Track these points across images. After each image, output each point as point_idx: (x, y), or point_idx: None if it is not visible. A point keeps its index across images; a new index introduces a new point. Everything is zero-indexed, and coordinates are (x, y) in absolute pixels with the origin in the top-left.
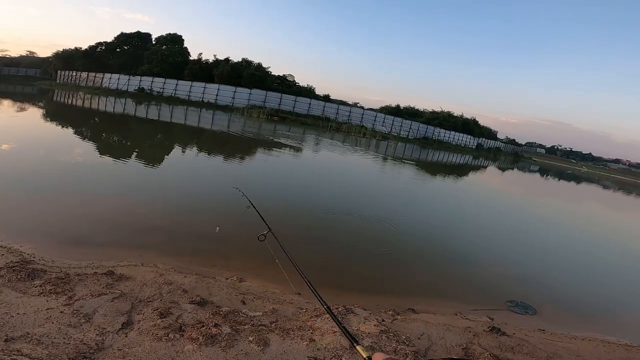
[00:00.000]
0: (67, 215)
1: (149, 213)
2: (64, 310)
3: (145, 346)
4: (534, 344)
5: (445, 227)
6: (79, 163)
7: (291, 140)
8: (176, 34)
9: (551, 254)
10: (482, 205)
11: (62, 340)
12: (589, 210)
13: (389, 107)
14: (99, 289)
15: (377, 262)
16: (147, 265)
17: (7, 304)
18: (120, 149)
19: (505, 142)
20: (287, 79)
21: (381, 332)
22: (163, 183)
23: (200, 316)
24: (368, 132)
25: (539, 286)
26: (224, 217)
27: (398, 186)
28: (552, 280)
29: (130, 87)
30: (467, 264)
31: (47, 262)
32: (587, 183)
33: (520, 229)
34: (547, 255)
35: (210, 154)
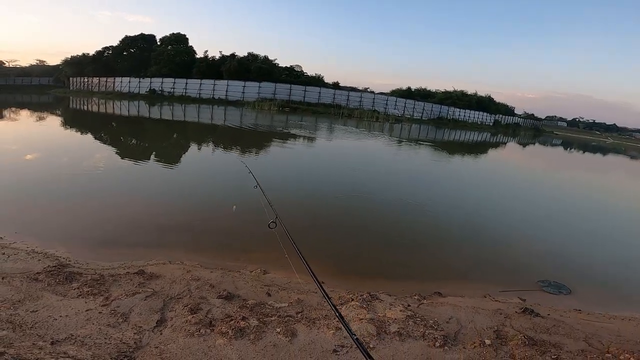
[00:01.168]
0: (95, 218)
1: (172, 211)
2: (102, 310)
3: (180, 343)
4: (570, 325)
5: (468, 207)
6: (102, 168)
7: (306, 131)
8: (180, 33)
9: (584, 230)
10: (506, 182)
11: (104, 341)
12: (619, 183)
13: (400, 90)
14: (133, 288)
15: (401, 246)
16: (174, 263)
17: (50, 307)
18: (139, 150)
19: (524, 118)
20: (295, 70)
21: (407, 317)
22: (182, 181)
23: (228, 310)
24: (381, 116)
25: (573, 264)
26: (244, 214)
27: (417, 168)
28: (586, 258)
29: (141, 89)
30: (495, 244)
31: (82, 265)
32: (613, 154)
33: (549, 205)
34: (579, 232)
35: (227, 149)
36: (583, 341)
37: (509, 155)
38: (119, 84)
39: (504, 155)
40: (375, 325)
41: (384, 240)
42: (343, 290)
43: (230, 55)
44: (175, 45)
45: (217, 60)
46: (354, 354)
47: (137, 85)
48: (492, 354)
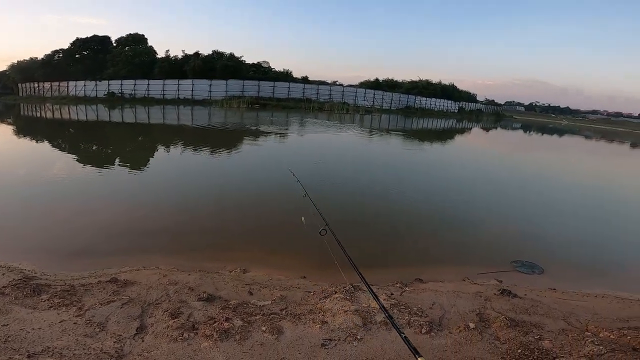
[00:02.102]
0: (60, 228)
1: (142, 217)
2: (77, 321)
3: (163, 348)
4: (548, 304)
5: (439, 193)
6: (62, 176)
7: (277, 127)
8: (137, 33)
9: (551, 209)
10: (473, 166)
11: (83, 351)
12: (580, 162)
13: (368, 82)
14: (107, 297)
15: (377, 235)
16: (149, 268)
17: (20, 321)
18: (101, 156)
19: (486, 104)
20: (263, 66)
21: (392, 305)
22: (148, 185)
23: (210, 312)
24: (351, 108)
25: (543, 243)
26: (215, 213)
27: (390, 156)
28: (555, 237)
29: (99, 92)
30: (468, 227)
31: (49, 277)
32: (569, 135)
33: (516, 186)
34: (547, 211)
35: (194, 150)
36: (562, 320)
37: (475, 140)
38: (73, 88)
39: (471, 140)
40: (361, 316)
41: (362, 230)
42: (325, 283)
43: (194, 54)
44: (134, 46)
45: (180, 59)
46: (342, 346)
47: (93, 88)
48: (477, 337)
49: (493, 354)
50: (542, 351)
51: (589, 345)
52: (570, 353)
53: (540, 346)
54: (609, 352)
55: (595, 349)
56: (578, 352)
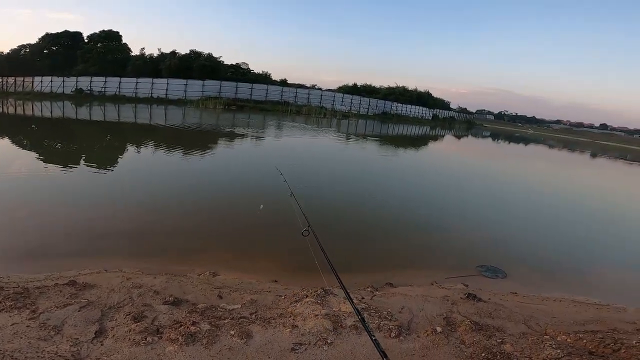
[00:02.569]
0: (15, 228)
1: (105, 217)
2: (30, 324)
3: (124, 352)
4: (510, 308)
5: (412, 198)
6: (20, 173)
7: (252, 129)
8: (111, 30)
9: (516, 215)
10: (444, 173)
11: (36, 354)
12: (544, 169)
13: (346, 87)
14: (63, 300)
15: (349, 239)
16: (111, 271)
17: None
18: (64, 154)
19: (458, 112)
20: (242, 67)
21: (362, 309)
22: (114, 186)
23: (176, 316)
24: (328, 112)
25: (507, 248)
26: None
27: (363, 162)
28: (519, 242)
29: (66, 89)
30: (438, 232)
31: (2, 278)
32: (534, 144)
33: (484, 193)
34: (512, 217)
35: (164, 151)
36: (523, 324)
37: (447, 147)
38: (38, 84)
39: (443, 147)
40: (332, 321)
41: (336, 234)
42: (296, 287)
43: (170, 52)
44: (106, 43)
45: (156, 57)
46: (312, 351)
47: (60, 84)
48: (444, 341)
49: (458, 357)
50: (504, 355)
51: (548, 349)
52: (530, 357)
53: (502, 350)
54: (566, 355)
55: (553, 353)
56: (537, 355)
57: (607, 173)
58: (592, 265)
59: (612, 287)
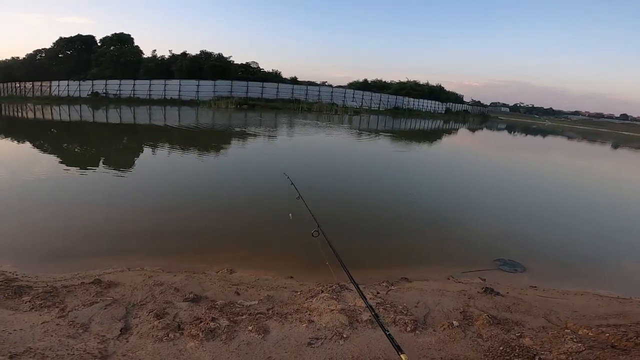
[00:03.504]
0: (42, 229)
1: (127, 218)
2: (60, 322)
3: (148, 349)
4: (529, 302)
5: (427, 193)
6: (43, 177)
7: (266, 128)
8: (123, 33)
9: (533, 208)
10: (459, 167)
11: (66, 352)
12: (562, 161)
13: (357, 83)
14: (90, 298)
15: (365, 234)
16: (133, 270)
17: (2, 322)
18: (84, 157)
19: (472, 105)
20: (252, 67)
21: (378, 304)
22: (133, 186)
23: (196, 312)
24: (339, 108)
25: (525, 242)
26: (202, 213)
27: (376, 157)
28: (537, 235)
29: (82, 92)
30: (454, 227)
31: (31, 278)
32: (552, 136)
33: (500, 186)
34: (529, 210)
35: (181, 151)
36: (542, 318)
37: (461, 140)
38: (56, 88)
39: (457, 140)
40: (347, 315)
41: (348, 229)
42: (312, 283)
43: (181, 54)
44: (119, 46)
45: (167, 59)
46: (328, 345)
47: (77, 88)
48: (461, 335)
49: (476, 351)
50: (523, 348)
51: (568, 343)
52: (550, 350)
53: (521, 343)
54: (587, 349)
55: (574, 346)
56: (558, 349)
57: (630, 164)
58: (615, 259)
59: (636, 281)
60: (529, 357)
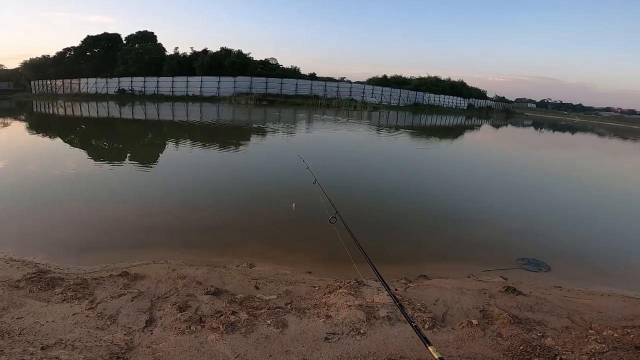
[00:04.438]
0: (73, 223)
1: (151, 212)
2: (89, 314)
3: (171, 341)
4: (552, 302)
5: (448, 189)
6: (74, 172)
7: (285, 124)
8: (147, 31)
9: (559, 206)
10: (482, 163)
11: (94, 344)
12: (591, 159)
13: (376, 79)
14: (118, 290)
15: (385, 230)
16: (158, 263)
17: (35, 314)
18: (111, 152)
19: (496, 101)
20: (271, 63)
21: None
22: (158, 181)
23: (217, 306)
24: (358, 104)
25: (551, 241)
26: (224, 208)
27: (395, 153)
28: (563, 234)
29: (109, 89)
30: (476, 224)
31: (62, 270)
32: (582, 132)
33: (524, 183)
34: (555, 208)
35: (202, 147)
36: (566, 318)
37: (483, 136)
38: (84, 85)
39: (479, 137)
40: (365, 311)
41: (368, 225)
42: (330, 278)
43: (202, 51)
44: (143, 43)
45: (189, 56)
46: (345, 340)
47: (104, 85)
48: (480, 334)
49: (495, 350)
50: (545, 348)
51: (592, 343)
52: (573, 350)
53: (542, 343)
54: (611, 350)
55: (597, 347)
56: (580, 349)
57: None
58: None
59: None
60: (550, 357)
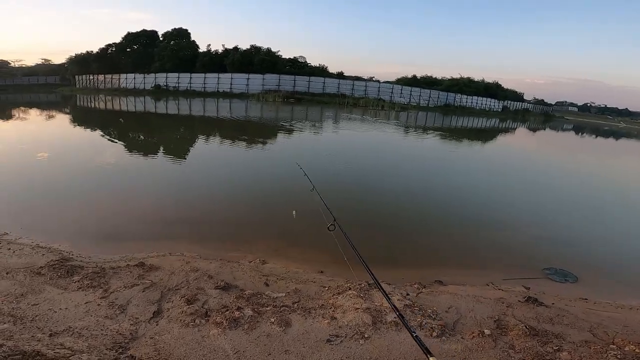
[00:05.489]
0: (100, 212)
1: (174, 205)
2: (101, 303)
3: (174, 333)
4: (575, 314)
5: (473, 192)
6: (106, 165)
7: (311, 122)
8: (181, 28)
9: (595, 216)
10: (512, 167)
11: (100, 332)
12: (636, 168)
13: (405, 79)
14: (132, 281)
15: (403, 233)
16: (174, 255)
17: (51, 301)
18: (146, 146)
19: (534, 103)
20: (299, 61)
21: (405, 306)
22: (182, 175)
23: (224, 300)
24: (386, 104)
25: (582, 251)
26: (242, 204)
27: (422, 154)
28: (594, 246)
29: (146, 85)
30: (499, 230)
31: (84, 259)
32: (626, 139)
33: (557, 190)
34: (590, 218)
35: (227, 143)
36: (588, 331)
37: (516, 140)
38: (124, 81)
39: (511, 140)
40: (371, 315)
41: (387, 227)
42: (341, 279)
43: (233, 48)
44: (178, 40)
45: (220, 53)
46: (347, 344)
47: (142, 81)
48: (490, 345)
49: None
50: None
51: (611, 359)
52: None
53: (557, 357)
54: None
55: None
56: None
57: None
58: None
59: None
60: None
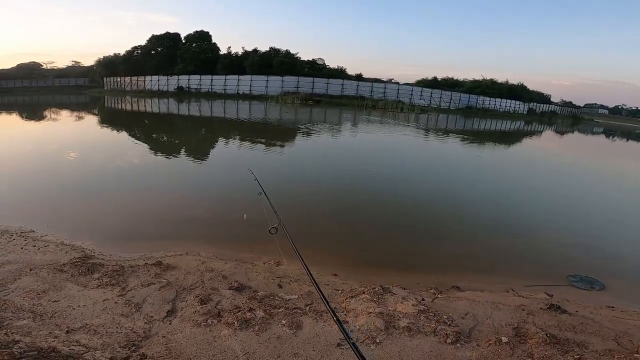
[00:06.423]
0: (123, 212)
1: (194, 205)
2: (118, 300)
3: (186, 332)
4: (600, 322)
5: (496, 197)
6: (128, 165)
7: (330, 124)
8: (203, 30)
9: (621, 223)
10: (538, 172)
11: (115, 330)
12: None
13: (425, 80)
14: (149, 279)
15: (421, 237)
16: (191, 254)
17: (70, 298)
18: (168, 146)
19: (561, 105)
20: (317, 63)
21: (419, 312)
22: (202, 176)
23: (237, 301)
24: (406, 106)
25: (610, 258)
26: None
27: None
28: (623, 252)
29: (170, 86)
30: (522, 235)
31: (105, 257)
32: None
33: (583, 194)
34: (620, 224)
35: (247, 144)
36: (612, 340)
37: (543, 143)
38: (149, 83)
39: (537, 143)
40: (384, 320)
41: (404, 231)
42: (355, 282)
43: (252, 50)
44: (199, 43)
45: (240, 55)
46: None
47: (165, 83)
48: (507, 352)
49: None
50: None
51: None
52: None
53: None
54: None
55: None
56: None
57: None
58: None
59: None
60: None
